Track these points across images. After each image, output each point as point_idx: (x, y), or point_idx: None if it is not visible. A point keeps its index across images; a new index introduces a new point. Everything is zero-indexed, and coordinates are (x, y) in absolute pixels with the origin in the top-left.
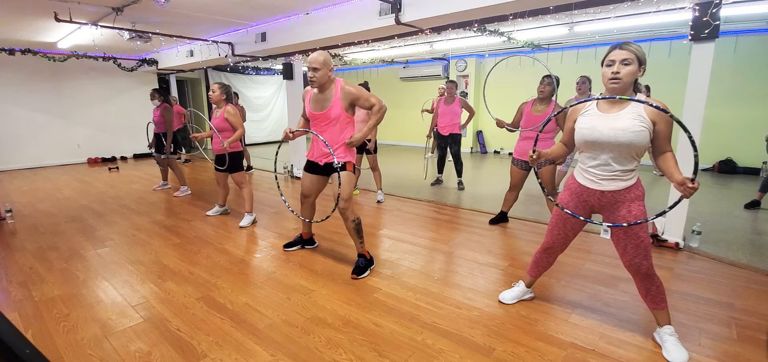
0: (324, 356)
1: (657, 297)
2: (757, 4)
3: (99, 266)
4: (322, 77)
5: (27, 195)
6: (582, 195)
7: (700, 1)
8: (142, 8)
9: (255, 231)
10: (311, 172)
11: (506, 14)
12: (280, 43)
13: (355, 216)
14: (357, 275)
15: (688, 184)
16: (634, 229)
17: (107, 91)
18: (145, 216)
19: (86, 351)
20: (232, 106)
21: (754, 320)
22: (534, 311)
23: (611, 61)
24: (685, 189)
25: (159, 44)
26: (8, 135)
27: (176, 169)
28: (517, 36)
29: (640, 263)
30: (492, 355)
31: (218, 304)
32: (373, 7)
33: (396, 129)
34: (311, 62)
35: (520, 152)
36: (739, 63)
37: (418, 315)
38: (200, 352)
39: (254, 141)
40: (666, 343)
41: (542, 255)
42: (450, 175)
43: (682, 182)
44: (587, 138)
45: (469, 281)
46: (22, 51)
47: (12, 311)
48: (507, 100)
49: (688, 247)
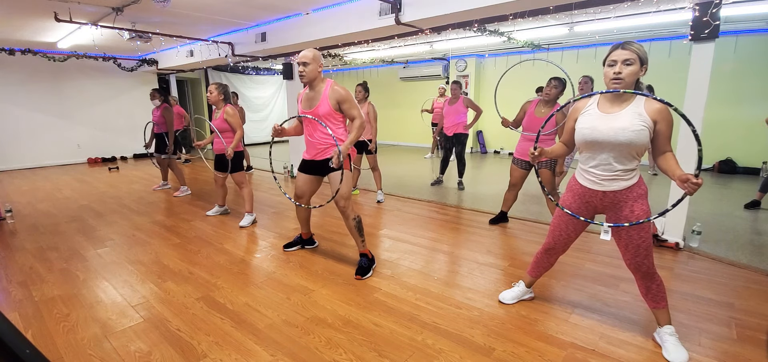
0: (324, 356)
1: (657, 296)
2: (757, 4)
3: (99, 266)
4: (311, 73)
5: (27, 195)
6: (584, 196)
7: (700, 1)
8: (142, 8)
9: (255, 231)
10: (306, 172)
11: (506, 14)
12: (280, 43)
13: (356, 214)
14: (361, 275)
15: (692, 180)
16: (634, 228)
17: (107, 91)
18: (145, 216)
19: (86, 351)
20: (231, 107)
21: (754, 320)
22: (534, 311)
23: (613, 61)
24: (689, 185)
25: (159, 44)
26: (8, 135)
27: (176, 169)
28: (517, 36)
29: (641, 262)
30: (492, 355)
31: (218, 304)
32: (373, 7)
33: (396, 129)
34: (301, 58)
35: (521, 152)
36: (739, 63)
37: (418, 315)
38: (200, 352)
39: (254, 141)
40: (666, 343)
41: (543, 255)
42: (450, 175)
43: (685, 178)
44: (587, 138)
45: (469, 281)
46: (22, 51)
47: (12, 311)
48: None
49: (688, 247)
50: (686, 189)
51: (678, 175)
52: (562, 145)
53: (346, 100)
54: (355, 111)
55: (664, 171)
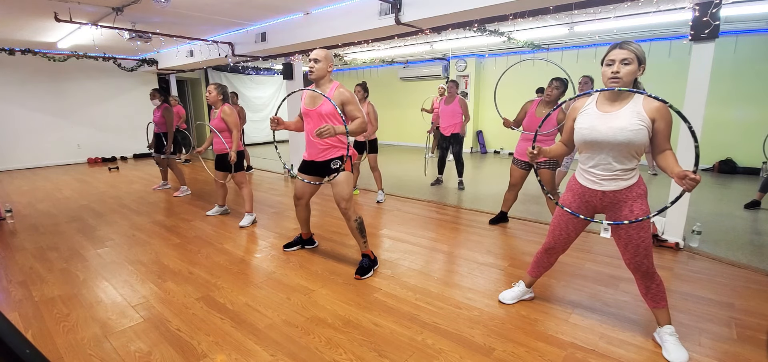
0: (324, 356)
1: (657, 295)
2: (757, 4)
3: (99, 266)
4: (320, 71)
5: (27, 195)
6: (584, 196)
7: (700, 1)
8: (142, 8)
9: (255, 231)
10: (306, 173)
11: (506, 14)
12: (280, 43)
13: (357, 215)
14: (361, 275)
15: (690, 176)
16: (634, 227)
17: (107, 91)
18: (145, 216)
19: (86, 351)
20: (229, 106)
21: (754, 320)
22: (534, 311)
23: (611, 61)
24: (687, 181)
25: (159, 44)
26: (8, 135)
27: (176, 169)
28: (517, 36)
29: (640, 261)
30: (492, 355)
31: (218, 304)
32: (373, 7)
33: (396, 129)
34: (313, 54)
35: (521, 152)
36: (739, 63)
37: (418, 315)
38: (200, 352)
39: (254, 141)
40: (666, 343)
41: (543, 255)
42: (450, 175)
43: (683, 175)
44: (586, 138)
45: (469, 281)
46: (22, 51)
47: (12, 311)
48: (511, 99)
49: (688, 247)
50: (684, 186)
51: (676, 172)
52: (561, 145)
53: (350, 101)
54: (358, 114)
55: (663, 169)
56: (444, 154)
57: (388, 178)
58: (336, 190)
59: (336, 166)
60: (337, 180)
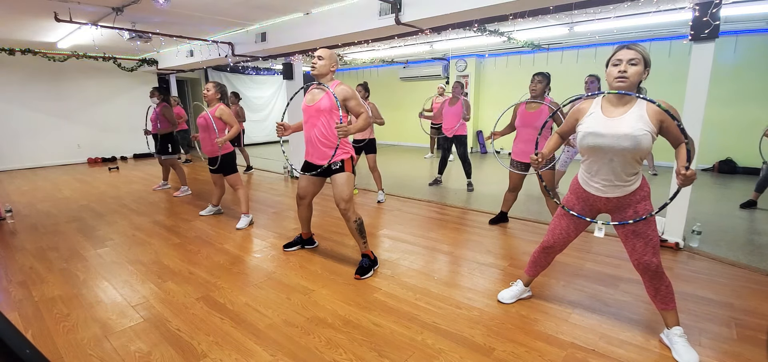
0: (324, 356)
1: (666, 297)
2: (757, 4)
3: (99, 266)
4: (323, 68)
5: (27, 195)
6: (588, 200)
7: (700, 1)
8: (142, 8)
9: (255, 232)
10: (308, 173)
11: (506, 14)
12: (280, 43)
13: (357, 216)
14: (360, 275)
15: (681, 172)
16: (640, 226)
17: (107, 91)
18: (145, 216)
19: (86, 351)
20: (225, 106)
21: (754, 320)
22: (534, 311)
23: (618, 60)
24: (679, 177)
25: (159, 44)
26: (8, 135)
27: (178, 169)
28: (517, 36)
29: (649, 261)
30: (492, 355)
31: (218, 304)
32: (373, 7)
33: (396, 129)
34: (318, 52)
35: (517, 153)
36: (739, 63)
37: (418, 315)
38: (200, 352)
39: (254, 141)
40: (676, 344)
41: (541, 254)
42: (449, 175)
43: (677, 171)
44: (590, 144)
45: (469, 281)
46: (22, 51)
47: (12, 311)
48: (511, 100)
49: (688, 247)
50: (678, 182)
51: (675, 169)
52: (557, 137)
53: (352, 97)
54: (362, 109)
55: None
56: (446, 155)
57: (388, 178)
58: (336, 191)
59: (336, 166)
60: (337, 181)
